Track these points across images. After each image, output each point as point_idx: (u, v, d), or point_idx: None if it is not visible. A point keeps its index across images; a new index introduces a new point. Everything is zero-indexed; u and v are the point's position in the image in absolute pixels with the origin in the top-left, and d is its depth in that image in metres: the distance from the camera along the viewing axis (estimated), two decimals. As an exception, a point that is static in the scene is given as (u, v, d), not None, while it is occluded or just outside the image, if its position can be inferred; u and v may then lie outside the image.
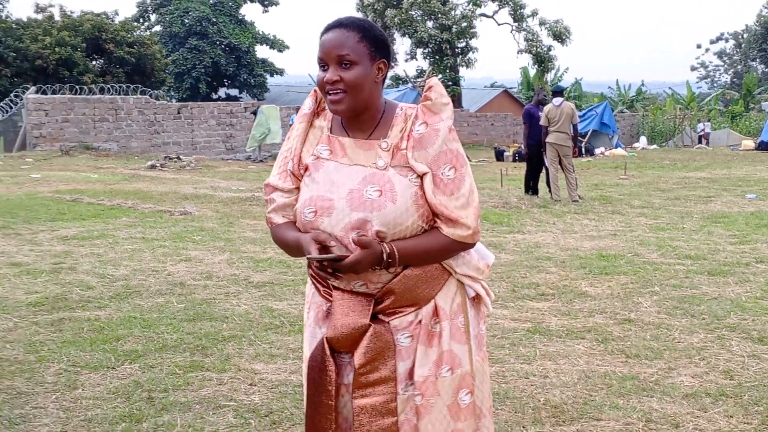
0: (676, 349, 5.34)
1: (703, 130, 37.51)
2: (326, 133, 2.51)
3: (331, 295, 2.47)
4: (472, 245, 2.46)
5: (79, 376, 4.79)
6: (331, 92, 2.38)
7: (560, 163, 14.07)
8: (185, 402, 4.38)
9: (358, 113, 2.43)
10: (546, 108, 14.21)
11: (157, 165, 22.08)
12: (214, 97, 50.76)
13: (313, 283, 2.58)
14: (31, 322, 5.91)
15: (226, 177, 19.32)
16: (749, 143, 32.99)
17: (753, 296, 6.75)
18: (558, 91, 14.69)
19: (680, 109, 41.96)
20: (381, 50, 2.42)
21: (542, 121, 14.14)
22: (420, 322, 2.42)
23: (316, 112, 2.56)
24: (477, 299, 2.57)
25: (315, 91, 2.56)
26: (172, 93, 48.68)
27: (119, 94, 30.59)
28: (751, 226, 10.63)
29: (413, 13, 37.87)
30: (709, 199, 14.17)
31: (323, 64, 2.40)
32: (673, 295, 6.81)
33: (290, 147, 2.54)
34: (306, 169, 2.48)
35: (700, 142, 36.51)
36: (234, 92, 52.98)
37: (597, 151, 30.07)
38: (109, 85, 32.07)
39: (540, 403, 4.40)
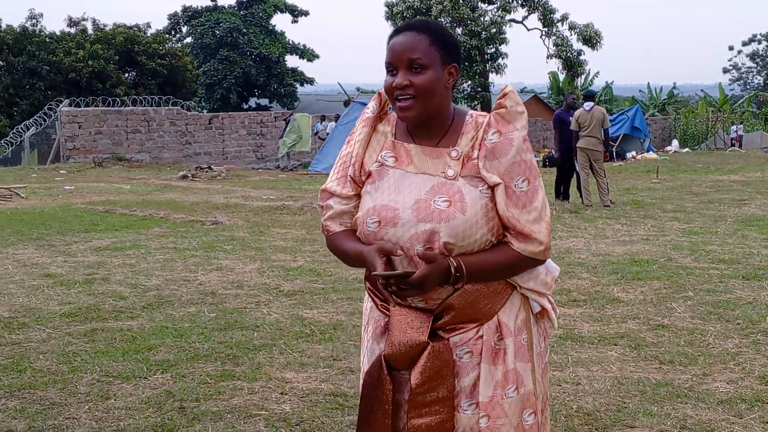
0: (711, 354, 5.28)
1: (736, 132, 37.15)
2: (390, 138, 2.40)
3: (389, 310, 2.38)
4: (543, 262, 2.35)
5: (111, 386, 4.82)
6: (400, 98, 2.28)
7: (591, 167, 13.98)
8: (216, 411, 4.39)
9: (429, 119, 2.33)
10: (577, 113, 14.13)
11: (189, 175, 22.25)
12: (245, 107, 51.02)
13: (370, 296, 2.49)
14: (65, 332, 5.96)
15: (257, 186, 19.42)
16: (784, 145, 32.58)
17: (789, 300, 6.65)
18: (589, 96, 14.61)
19: (713, 111, 41.54)
20: (452, 54, 2.33)
21: (573, 126, 14.06)
22: (481, 337, 2.32)
23: (380, 117, 2.46)
24: (540, 314, 2.45)
25: (379, 93, 2.45)
26: (204, 104, 49.03)
27: (151, 105, 30.90)
28: (786, 229, 10.49)
29: (442, 20, 37.83)
30: (743, 202, 14.00)
31: (392, 68, 2.30)
32: (707, 300, 6.73)
33: (350, 152, 2.44)
34: (369, 176, 2.38)
35: (733, 144, 36.14)
36: (264, 102, 53.23)
37: (628, 155, 29.84)
38: (141, 97, 32.41)
39: (573, 410, 4.36)
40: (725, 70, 77.75)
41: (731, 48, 77.30)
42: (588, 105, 14.00)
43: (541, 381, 2.47)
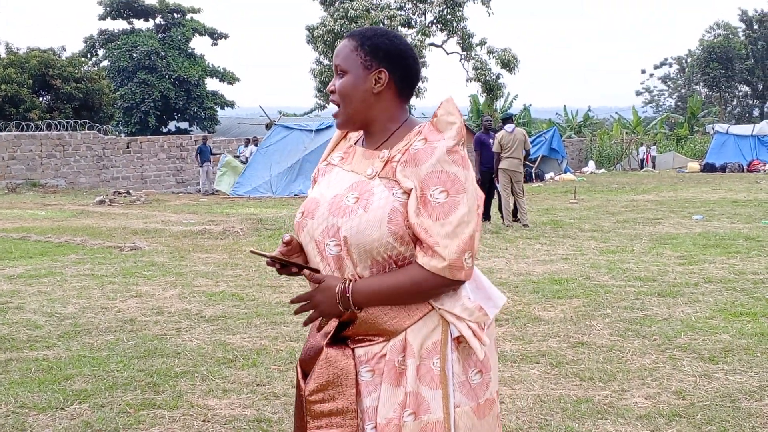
0: (629, 370, 5.38)
1: (646, 153, 38.23)
2: (350, 143, 2.43)
3: None
4: (453, 282, 2.18)
5: (27, 417, 4.67)
6: (331, 102, 2.35)
7: (512, 188, 14.18)
8: (137, 441, 4.29)
9: (362, 126, 2.35)
10: (499, 135, 14.30)
11: (106, 200, 21.81)
12: (164, 130, 50.40)
13: None
14: (-23, 364, 5.76)
15: (177, 210, 19.15)
16: (695, 165, 33.66)
17: (702, 316, 6.84)
18: (508, 118, 14.79)
19: (627, 133, 42.68)
20: (383, 59, 2.29)
21: (495, 148, 14.20)
22: (384, 356, 2.20)
23: None
24: (466, 341, 2.24)
25: None
26: (121, 127, 48.28)
27: (67, 129, 30.25)
28: (698, 247, 10.80)
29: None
30: (657, 221, 14.38)
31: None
32: (624, 317, 6.87)
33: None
34: (317, 173, 2.45)
35: (641, 166, 37.14)
36: (184, 125, 52.69)
37: (547, 176, 30.42)
38: (56, 121, 31.70)
39: (496, 429, 4.38)
40: (638, 93, 79.99)
41: (644, 71, 79.62)
42: (510, 127, 14.19)
43: (471, 418, 2.25)
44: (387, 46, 2.31)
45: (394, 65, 2.31)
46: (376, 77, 2.29)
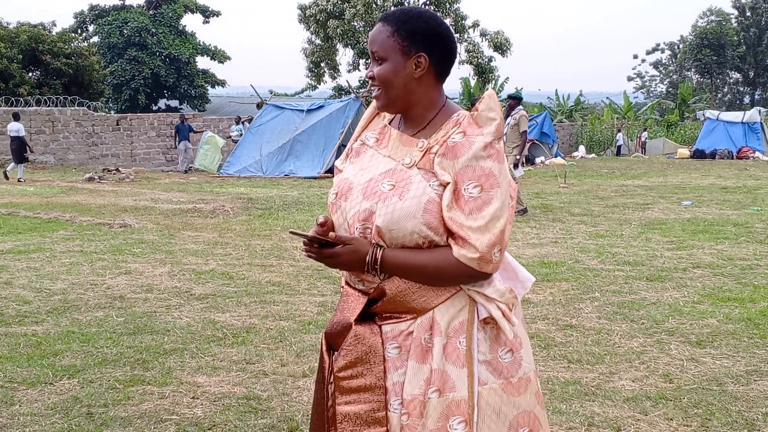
0: (617, 353, 5.42)
1: (638, 138, 38.29)
2: (384, 122, 2.42)
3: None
4: (482, 275, 2.20)
5: (16, 392, 4.67)
6: (372, 87, 2.33)
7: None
8: (126, 417, 4.30)
9: (403, 110, 2.33)
10: (524, 113, 13.38)
11: (96, 177, 21.72)
12: (154, 108, 50.16)
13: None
14: (-35, 338, 5.75)
15: (167, 189, 19.09)
16: (684, 152, 33.74)
17: (690, 301, 6.88)
18: (520, 99, 14.11)
19: (617, 118, 42.72)
20: (420, 43, 2.26)
21: (524, 127, 13.22)
22: (411, 333, 2.23)
23: None
24: (491, 322, 2.25)
25: None
26: (111, 104, 48.04)
27: (56, 105, 30.07)
28: (687, 233, 10.85)
29: (356, 24, 37.95)
30: (647, 206, 14.43)
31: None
32: (613, 300, 6.91)
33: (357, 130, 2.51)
34: (350, 152, 2.45)
35: (618, 153, 37.18)
36: (174, 103, 52.44)
37: (537, 160, 30.43)
38: (45, 97, 31.50)
39: (484, 409, 4.40)
40: (629, 79, 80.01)
41: (635, 57, 79.60)
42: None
43: (500, 396, 2.26)
44: (424, 29, 2.28)
45: (433, 48, 2.28)
46: (416, 62, 2.27)
